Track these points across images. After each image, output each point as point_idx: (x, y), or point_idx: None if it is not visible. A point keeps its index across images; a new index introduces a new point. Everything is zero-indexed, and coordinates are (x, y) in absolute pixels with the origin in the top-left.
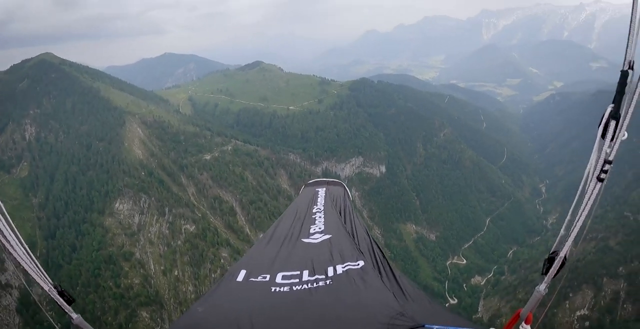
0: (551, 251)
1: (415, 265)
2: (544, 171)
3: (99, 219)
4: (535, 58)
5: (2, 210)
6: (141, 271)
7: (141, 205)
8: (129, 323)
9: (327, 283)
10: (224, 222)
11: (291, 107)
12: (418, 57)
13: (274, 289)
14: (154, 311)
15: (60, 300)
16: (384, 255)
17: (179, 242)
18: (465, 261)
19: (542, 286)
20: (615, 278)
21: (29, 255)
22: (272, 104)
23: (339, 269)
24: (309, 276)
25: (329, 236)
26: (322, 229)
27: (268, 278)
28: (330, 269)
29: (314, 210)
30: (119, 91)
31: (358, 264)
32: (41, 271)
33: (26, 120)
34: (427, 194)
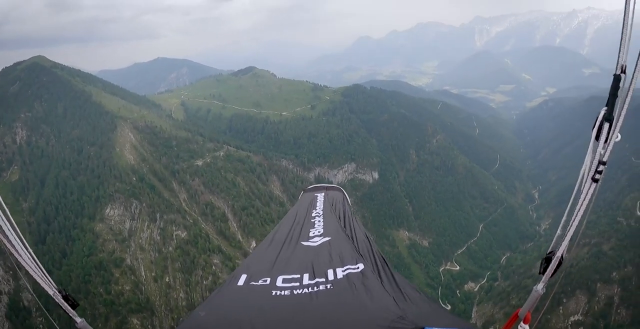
0: (548, 250)
1: (408, 271)
2: (537, 177)
3: (90, 225)
4: (528, 64)
5: (7, 214)
6: (132, 278)
7: (132, 211)
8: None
9: (328, 287)
10: (216, 229)
11: (284, 113)
12: (411, 64)
13: (274, 292)
14: (145, 318)
15: (65, 304)
16: (384, 258)
17: (170, 249)
18: (458, 267)
19: (540, 286)
20: (608, 283)
21: (33, 260)
22: (265, 110)
23: (339, 272)
24: (309, 279)
25: (328, 238)
26: (322, 232)
27: (269, 281)
28: (330, 272)
29: (313, 214)
30: (111, 95)
31: (358, 268)
32: (46, 276)
33: (17, 123)
34: (420, 200)
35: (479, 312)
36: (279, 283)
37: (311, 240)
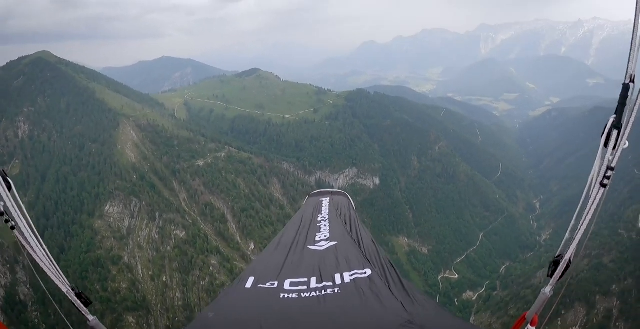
0: (556, 254)
1: (406, 279)
2: (538, 187)
3: (89, 221)
4: (533, 73)
5: (24, 212)
6: (129, 276)
7: (132, 209)
8: (115, 327)
9: (335, 291)
10: (215, 230)
11: (287, 116)
12: (415, 70)
13: (282, 295)
14: (141, 316)
15: (78, 302)
16: (391, 263)
17: (168, 248)
18: (457, 276)
19: (548, 288)
20: (608, 295)
21: (48, 257)
22: (268, 112)
23: (347, 277)
24: (316, 283)
25: (334, 242)
26: (328, 236)
27: (276, 284)
28: (337, 276)
29: (318, 218)
30: (114, 92)
31: (365, 273)
32: (60, 273)
33: (20, 118)
34: (420, 207)
35: (476, 321)
36: (286, 286)
37: (318, 244)
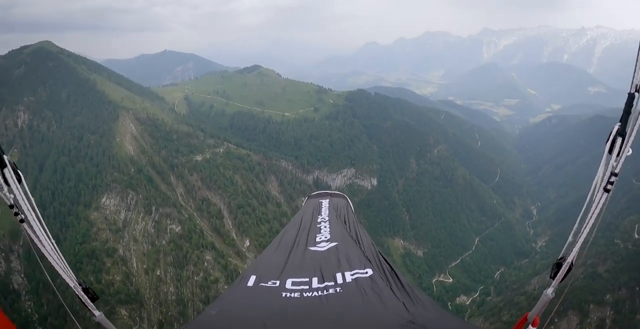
0: (559, 256)
1: (407, 279)
2: (536, 193)
3: (85, 213)
4: (534, 79)
5: (34, 205)
6: (123, 268)
7: (128, 202)
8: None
9: (337, 290)
10: (211, 225)
11: (286, 114)
12: (417, 72)
13: (284, 294)
14: (134, 309)
15: (85, 297)
16: (390, 264)
17: (163, 242)
18: (451, 280)
19: (550, 290)
20: (601, 305)
21: (56, 251)
22: (268, 109)
23: (348, 276)
24: (318, 283)
25: (335, 243)
26: (328, 237)
27: (278, 283)
28: (339, 275)
29: (318, 220)
30: (115, 84)
31: (367, 273)
32: (67, 268)
33: (20, 107)
34: (417, 209)
35: None
36: (288, 285)
37: (318, 245)
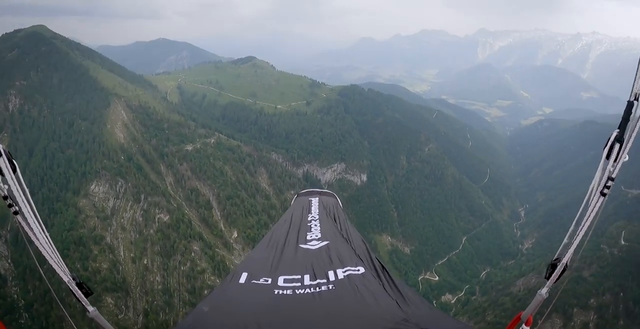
0: (554, 257)
1: (398, 278)
2: (525, 195)
3: (73, 200)
4: (528, 82)
5: (28, 197)
6: (110, 256)
7: (117, 189)
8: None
9: (330, 287)
10: (199, 215)
11: (279, 106)
12: (411, 69)
13: (277, 291)
14: (119, 298)
15: (79, 292)
16: (381, 262)
17: (151, 231)
18: (437, 278)
19: (544, 290)
20: (585, 309)
21: (50, 245)
22: (260, 101)
23: (340, 273)
24: (310, 280)
25: (326, 242)
26: (319, 236)
27: (270, 281)
28: (330, 273)
29: (309, 218)
30: (107, 71)
31: (358, 270)
32: (61, 262)
33: (11, 91)
34: (405, 207)
35: None
36: (280, 282)
37: (309, 243)
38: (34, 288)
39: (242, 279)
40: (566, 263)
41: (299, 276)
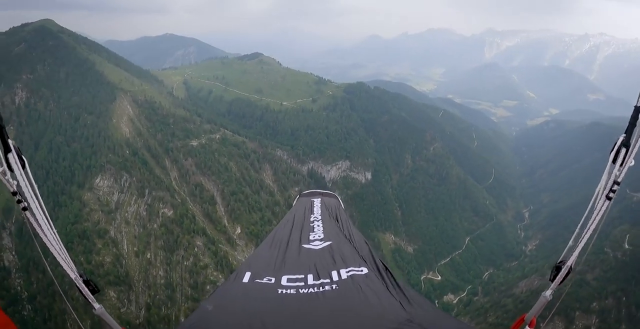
0: (559, 260)
1: (401, 280)
2: (529, 196)
3: (78, 193)
4: (534, 82)
5: (37, 193)
6: (114, 250)
7: (122, 183)
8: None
9: (333, 287)
10: (203, 211)
11: (284, 103)
12: (418, 68)
13: (280, 291)
14: (122, 291)
15: (85, 289)
16: (384, 263)
17: (155, 226)
18: (440, 278)
19: (548, 292)
20: (588, 312)
21: (58, 242)
22: (266, 98)
23: (343, 273)
24: (313, 280)
25: (329, 242)
26: (322, 236)
27: (273, 280)
28: (334, 273)
29: (311, 219)
30: (114, 65)
31: (362, 270)
32: (68, 259)
33: (18, 84)
34: (409, 206)
35: None
36: (283, 282)
37: (312, 243)
38: (37, 280)
39: (246, 279)
40: (571, 266)
41: (303, 276)
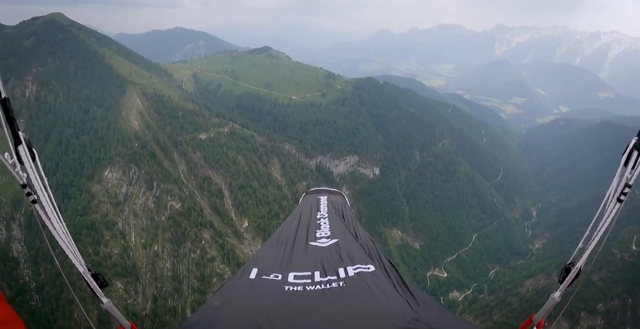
0: (568, 261)
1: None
2: (537, 195)
3: (87, 185)
4: (545, 80)
5: (47, 186)
6: (121, 242)
7: (130, 176)
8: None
9: (340, 284)
10: (210, 204)
11: (293, 97)
12: (427, 63)
13: (287, 287)
14: (129, 283)
15: (94, 283)
16: (390, 262)
17: (162, 218)
18: (446, 275)
19: (557, 294)
20: (593, 313)
21: (67, 235)
22: (275, 92)
23: (350, 270)
24: (320, 277)
25: (335, 240)
26: (329, 234)
27: (280, 277)
28: (341, 270)
29: (317, 216)
30: (123, 59)
31: (369, 268)
32: (77, 252)
33: (28, 77)
34: (417, 202)
35: None
36: (290, 279)
37: (319, 241)
38: (45, 271)
39: (253, 275)
40: (580, 268)
41: (309, 273)
